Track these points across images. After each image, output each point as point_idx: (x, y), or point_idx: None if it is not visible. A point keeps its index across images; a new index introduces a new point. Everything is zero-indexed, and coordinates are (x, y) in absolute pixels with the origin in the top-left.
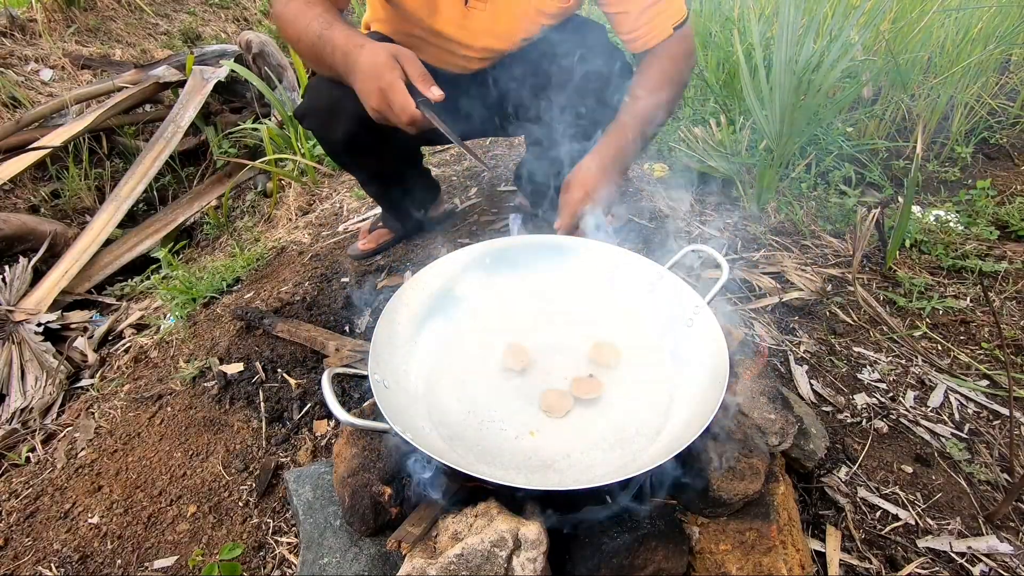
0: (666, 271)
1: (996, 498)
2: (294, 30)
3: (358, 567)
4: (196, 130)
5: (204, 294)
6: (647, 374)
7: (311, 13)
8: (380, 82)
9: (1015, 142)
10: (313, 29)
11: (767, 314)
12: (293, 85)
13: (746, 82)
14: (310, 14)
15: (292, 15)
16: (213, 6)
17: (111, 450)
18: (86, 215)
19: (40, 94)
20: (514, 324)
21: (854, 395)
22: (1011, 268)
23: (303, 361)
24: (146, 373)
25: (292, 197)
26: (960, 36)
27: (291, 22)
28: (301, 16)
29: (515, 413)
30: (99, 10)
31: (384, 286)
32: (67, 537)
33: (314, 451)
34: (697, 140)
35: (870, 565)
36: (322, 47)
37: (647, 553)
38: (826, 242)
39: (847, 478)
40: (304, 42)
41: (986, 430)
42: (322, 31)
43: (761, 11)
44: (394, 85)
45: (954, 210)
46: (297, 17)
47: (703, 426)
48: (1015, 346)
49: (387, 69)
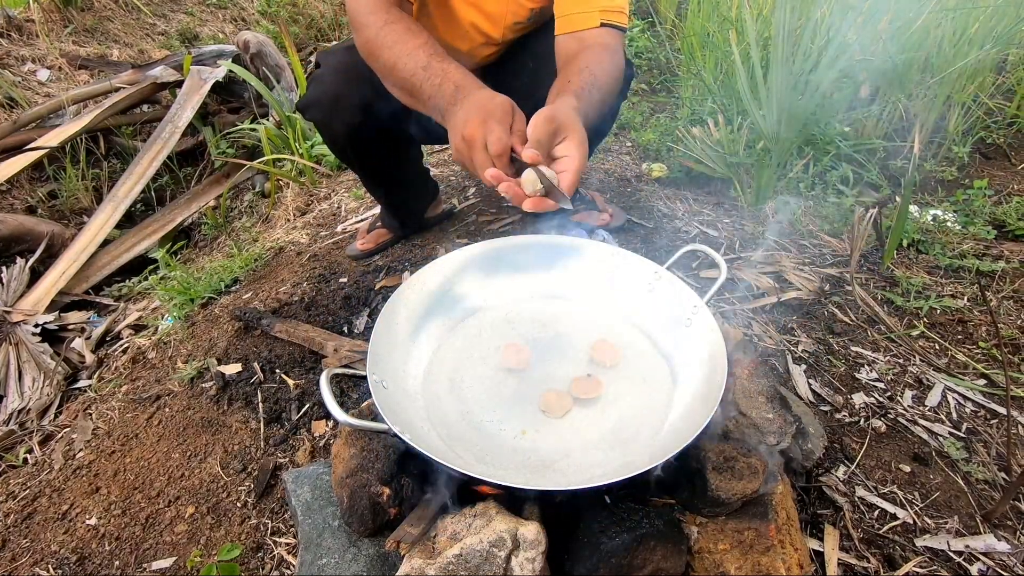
0: (664, 271)
1: (994, 497)
2: (392, 55)
3: (357, 568)
4: (194, 130)
5: (202, 295)
6: (646, 374)
7: (416, 41)
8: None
9: (1012, 142)
10: (419, 58)
11: (765, 314)
12: (291, 85)
13: (743, 82)
14: (415, 42)
15: (392, 41)
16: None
17: (109, 451)
18: (84, 216)
19: (37, 94)
20: (513, 324)
21: (852, 394)
22: (1008, 267)
23: (301, 361)
24: (144, 374)
25: (290, 197)
26: (957, 36)
27: (389, 47)
28: (403, 43)
29: (514, 413)
30: (96, 10)
31: (383, 286)
32: (65, 538)
33: (312, 452)
34: (695, 140)
35: (868, 564)
36: (426, 77)
37: (646, 553)
38: (824, 241)
39: (845, 477)
40: (402, 70)
41: (983, 429)
42: (431, 61)
43: (758, 11)
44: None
45: (951, 210)
46: (398, 43)
47: (702, 426)
48: (1012, 345)
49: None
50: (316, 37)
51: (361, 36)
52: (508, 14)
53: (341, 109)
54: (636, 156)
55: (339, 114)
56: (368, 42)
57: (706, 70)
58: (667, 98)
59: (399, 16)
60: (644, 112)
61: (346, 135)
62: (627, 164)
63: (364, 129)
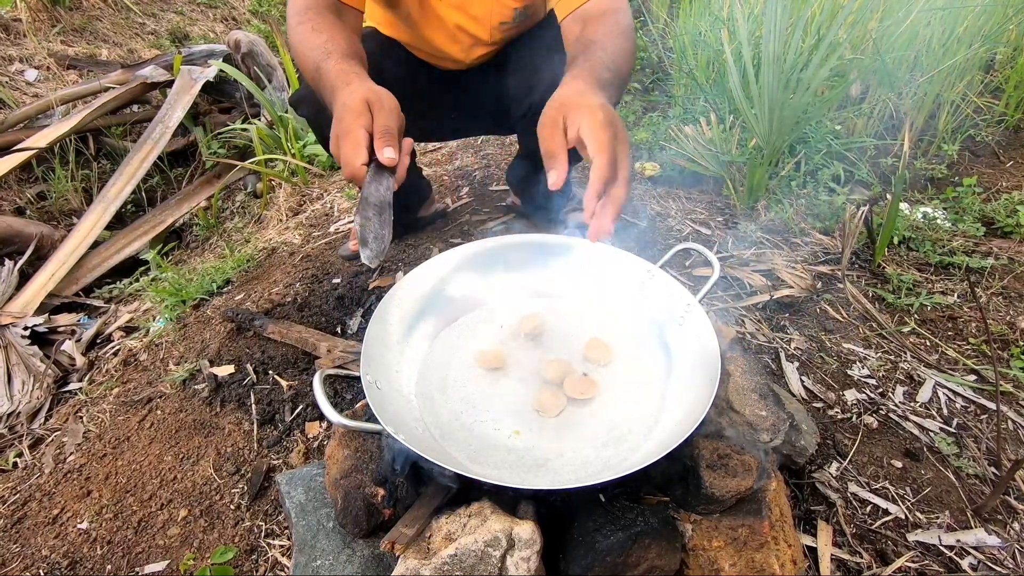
0: (657, 269)
1: (984, 492)
2: (299, 56)
3: (351, 569)
4: (185, 130)
5: (194, 296)
6: (639, 372)
7: (316, 42)
8: (340, 126)
9: (1001, 140)
10: (313, 59)
11: (758, 311)
12: (283, 85)
13: (735, 81)
14: (315, 42)
15: (297, 41)
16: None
17: (100, 454)
18: (73, 217)
19: (25, 95)
20: (506, 323)
21: (844, 391)
22: (997, 264)
23: (294, 362)
24: (135, 376)
25: (282, 198)
26: (946, 35)
27: (295, 47)
28: (306, 43)
29: (508, 413)
30: (85, 9)
31: (376, 286)
32: (56, 543)
33: (306, 453)
34: (687, 138)
35: (861, 559)
36: (319, 79)
37: (640, 551)
38: (816, 239)
39: (838, 474)
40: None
41: (974, 424)
42: (320, 63)
43: (750, 10)
44: (351, 134)
45: (941, 207)
46: (302, 43)
47: (695, 424)
48: (1001, 341)
49: (354, 115)
50: None
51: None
52: (493, 14)
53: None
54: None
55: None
56: (288, 34)
57: (698, 69)
58: (659, 97)
59: (312, 16)
60: (636, 111)
61: None
62: None
63: None
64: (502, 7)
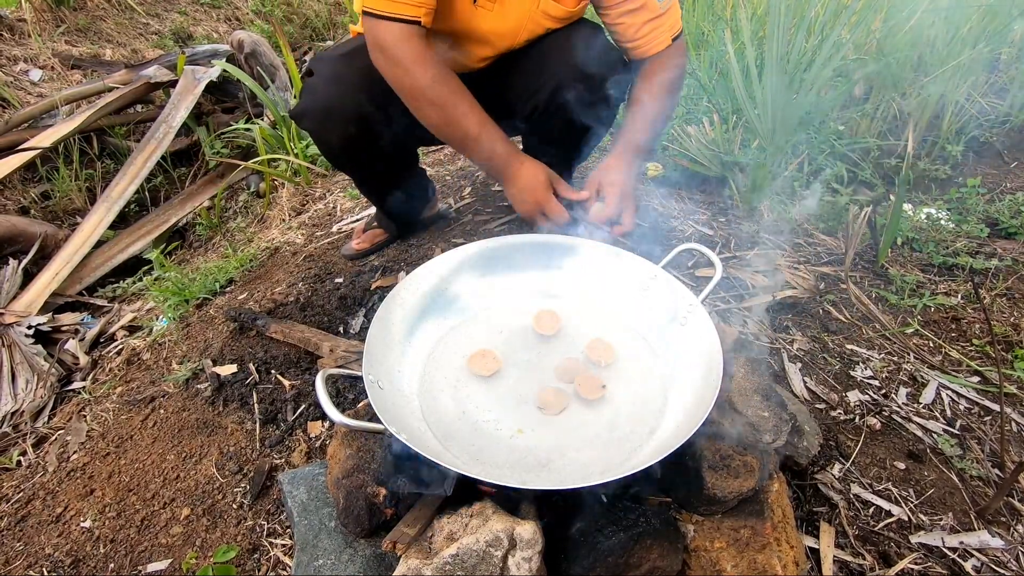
0: (660, 270)
1: (987, 493)
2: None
3: (353, 569)
4: (188, 130)
5: (197, 295)
6: (642, 373)
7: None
8: (538, 198)
9: (1005, 140)
10: (469, 126)
11: (761, 312)
12: (285, 85)
13: (738, 81)
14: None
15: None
16: (204, 6)
17: (103, 453)
18: (77, 216)
19: (29, 95)
20: (508, 324)
21: (847, 392)
22: (1001, 265)
23: (297, 362)
24: (138, 375)
25: (285, 197)
26: (950, 35)
27: (440, 107)
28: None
29: (510, 412)
30: (89, 10)
31: (378, 286)
32: (59, 541)
33: (308, 452)
34: (690, 139)
35: (863, 561)
36: (476, 148)
37: (642, 551)
38: (819, 240)
39: (840, 475)
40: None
41: (977, 426)
42: (480, 132)
43: (753, 10)
44: (550, 204)
45: (945, 208)
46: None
47: (697, 424)
48: (1005, 342)
49: (543, 189)
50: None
51: (405, 81)
52: (524, 32)
53: (335, 120)
54: None
55: (332, 125)
56: (414, 92)
57: (701, 69)
58: None
59: (446, 74)
60: None
61: (340, 145)
62: None
63: (358, 139)
64: (535, 26)
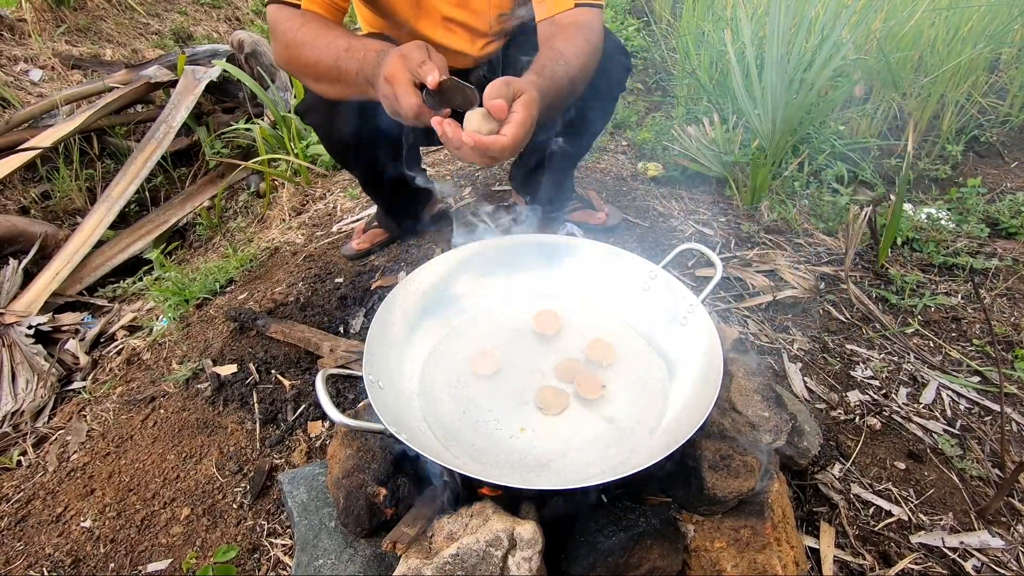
0: (660, 270)
1: (988, 493)
2: (312, 51)
3: (353, 568)
4: (188, 130)
5: (197, 295)
6: (642, 373)
7: (334, 32)
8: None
9: (1005, 140)
10: (339, 44)
11: (761, 312)
12: (286, 85)
13: (738, 81)
14: (333, 33)
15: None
16: (204, 6)
17: (103, 453)
18: (77, 216)
19: (30, 95)
20: (508, 324)
21: (847, 392)
22: (1001, 265)
23: (297, 362)
24: (139, 375)
25: (285, 197)
26: (950, 35)
27: (310, 43)
28: (322, 35)
29: (510, 412)
30: (89, 10)
31: (378, 286)
32: (59, 541)
33: (308, 452)
34: (690, 139)
35: (864, 561)
36: (349, 56)
37: (642, 551)
38: (819, 240)
39: (841, 475)
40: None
41: (977, 426)
42: (351, 42)
43: (753, 10)
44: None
45: (945, 208)
46: (317, 37)
47: (698, 424)
48: (1005, 342)
49: (417, 45)
50: None
51: (280, 43)
52: (492, 6)
53: (339, 114)
54: (632, 155)
55: (337, 119)
56: (288, 46)
57: (701, 69)
58: (662, 97)
59: (313, 16)
60: (639, 111)
61: (344, 140)
62: (623, 163)
63: (363, 133)
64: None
